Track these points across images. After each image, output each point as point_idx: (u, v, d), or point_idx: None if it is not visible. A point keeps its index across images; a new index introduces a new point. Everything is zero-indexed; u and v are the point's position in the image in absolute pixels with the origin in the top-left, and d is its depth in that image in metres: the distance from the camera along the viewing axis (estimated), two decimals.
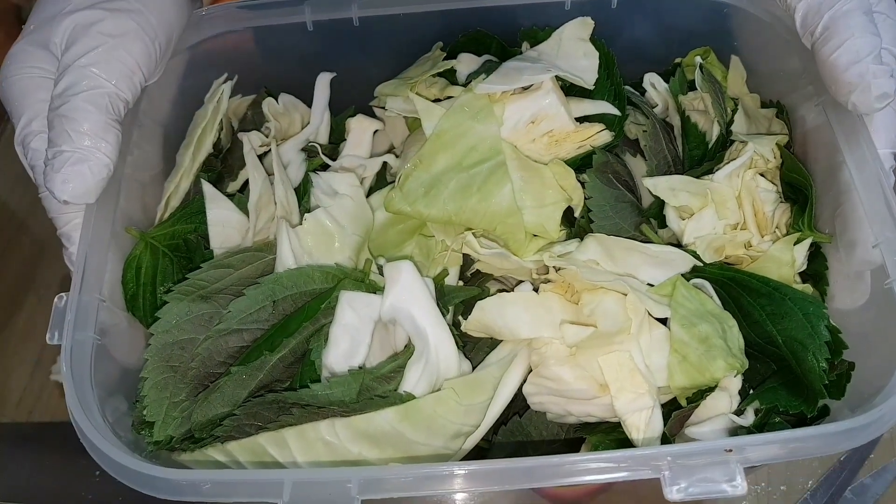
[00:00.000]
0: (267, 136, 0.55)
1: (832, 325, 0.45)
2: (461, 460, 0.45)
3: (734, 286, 0.47)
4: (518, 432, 0.49)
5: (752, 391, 0.46)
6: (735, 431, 0.43)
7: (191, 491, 0.38)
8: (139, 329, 0.48)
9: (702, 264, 0.48)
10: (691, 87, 0.58)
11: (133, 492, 0.38)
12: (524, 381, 0.47)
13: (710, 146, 0.54)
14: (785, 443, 0.37)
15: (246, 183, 0.53)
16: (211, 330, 0.44)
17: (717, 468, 0.36)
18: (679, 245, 0.50)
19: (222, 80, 0.57)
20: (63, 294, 0.44)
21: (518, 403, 0.49)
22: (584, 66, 0.54)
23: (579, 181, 0.51)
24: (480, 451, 0.48)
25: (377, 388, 0.43)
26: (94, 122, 0.44)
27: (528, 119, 0.51)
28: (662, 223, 0.52)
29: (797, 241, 0.48)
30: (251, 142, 0.53)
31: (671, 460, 0.36)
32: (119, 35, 0.46)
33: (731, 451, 0.36)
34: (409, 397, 0.43)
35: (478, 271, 0.53)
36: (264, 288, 0.45)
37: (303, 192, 0.52)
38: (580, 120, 0.53)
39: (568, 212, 0.52)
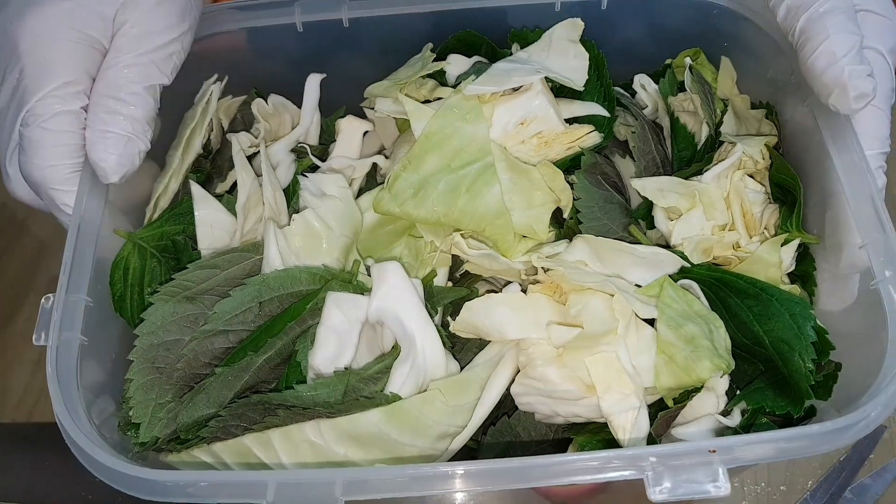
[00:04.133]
0: (256, 137, 0.55)
1: (819, 326, 0.45)
2: (448, 461, 0.45)
3: (721, 287, 0.47)
4: (507, 433, 0.49)
5: (738, 392, 0.46)
6: (722, 432, 0.43)
7: (175, 492, 0.38)
8: (126, 330, 0.48)
9: (689, 265, 0.48)
10: (681, 88, 0.58)
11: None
12: (512, 381, 0.47)
13: (698, 147, 0.54)
14: (769, 443, 0.37)
15: (235, 184, 0.53)
16: (197, 331, 0.44)
17: (701, 469, 0.36)
18: (667, 246, 0.50)
19: (212, 81, 0.57)
20: (50, 295, 0.44)
21: (507, 404, 0.49)
22: (574, 67, 0.54)
23: (568, 182, 0.51)
24: (470, 452, 0.48)
25: (363, 389, 0.43)
26: (147, 109, 0.46)
27: (517, 120, 0.51)
28: (651, 224, 0.52)
29: (785, 242, 0.48)
30: (240, 143, 0.53)
31: (654, 461, 0.36)
32: (172, 23, 0.48)
33: (714, 451, 0.36)
34: (395, 398, 0.43)
35: (467, 272, 0.53)
36: (250, 289, 0.45)
37: (292, 193, 0.52)
38: (569, 121, 0.53)
39: (557, 213, 0.52)
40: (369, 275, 0.48)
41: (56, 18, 0.46)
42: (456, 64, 0.56)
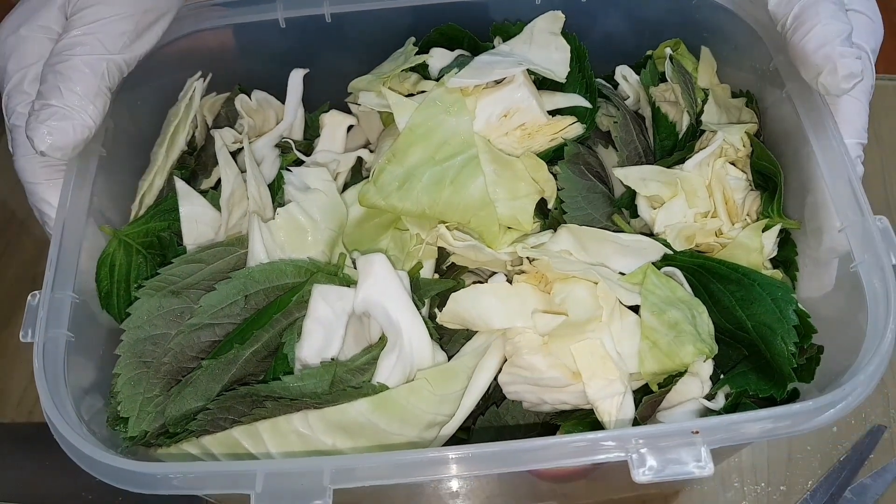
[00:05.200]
0: (241, 133, 0.55)
1: (801, 310, 0.45)
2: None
3: (704, 273, 0.48)
4: (495, 422, 0.49)
5: (722, 376, 0.47)
6: (706, 416, 0.44)
7: (163, 483, 0.38)
8: (114, 327, 0.48)
9: (672, 252, 0.49)
10: (662, 78, 0.58)
11: (134, 492, 0.38)
12: (500, 371, 0.48)
13: (680, 136, 0.55)
14: (752, 423, 0.37)
15: (220, 180, 0.53)
16: (183, 325, 0.44)
17: (684, 449, 0.36)
18: (650, 234, 0.51)
19: (195, 78, 0.57)
20: (36, 292, 0.44)
21: (495, 394, 0.49)
22: (556, 59, 0.54)
23: (551, 173, 0.52)
24: (459, 442, 0.48)
25: (350, 379, 0.44)
26: (87, 84, 0.45)
27: (500, 112, 0.51)
28: (634, 213, 0.52)
29: (766, 228, 0.49)
30: (223, 138, 0.53)
31: (637, 442, 0.36)
32: (125, 4, 0.47)
33: (697, 432, 0.36)
34: (382, 388, 0.43)
35: (453, 264, 0.54)
36: (236, 282, 0.45)
37: (277, 188, 0.52)
38: (552, 113, 0.53)
39: (541, 203, 0.52)
40: (355, 267, 0.49)
41: (12, 18, 0.47)
42: (438, 57, 0.56)
